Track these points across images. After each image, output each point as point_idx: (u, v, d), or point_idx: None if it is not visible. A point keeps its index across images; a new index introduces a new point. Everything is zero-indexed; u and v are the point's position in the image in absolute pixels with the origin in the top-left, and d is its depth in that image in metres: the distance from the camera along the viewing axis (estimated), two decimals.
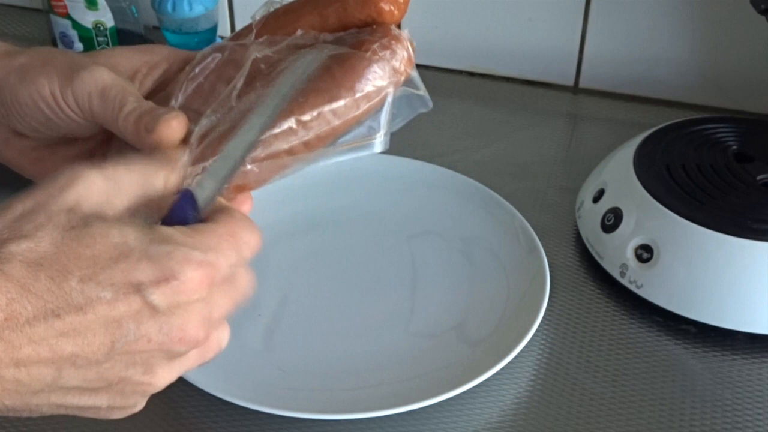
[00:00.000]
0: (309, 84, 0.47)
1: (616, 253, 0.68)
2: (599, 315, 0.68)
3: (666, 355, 0.65)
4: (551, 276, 0.67)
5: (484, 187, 0.76)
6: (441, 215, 0.76)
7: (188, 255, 0.39)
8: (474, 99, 0.93)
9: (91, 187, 0.40)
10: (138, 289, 0.38)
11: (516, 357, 0.61)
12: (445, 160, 0.80)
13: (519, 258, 0.70)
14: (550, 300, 0.66)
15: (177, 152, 0.45)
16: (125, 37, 0.93)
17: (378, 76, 0.47)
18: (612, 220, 0.69)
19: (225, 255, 0.41)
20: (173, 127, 0.46)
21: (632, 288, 0.67)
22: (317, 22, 0.52)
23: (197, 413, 0.60)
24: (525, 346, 0.62)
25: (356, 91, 0.47)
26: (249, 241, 0.42)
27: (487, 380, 0.60)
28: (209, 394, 0.59)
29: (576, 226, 0.74)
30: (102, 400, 0.40)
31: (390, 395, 0.60)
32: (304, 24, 0.51)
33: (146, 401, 0.42)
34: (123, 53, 0.52)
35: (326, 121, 0.47)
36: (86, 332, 0.37)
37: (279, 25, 0.52)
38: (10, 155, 0.54)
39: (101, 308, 0.37)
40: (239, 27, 1.02)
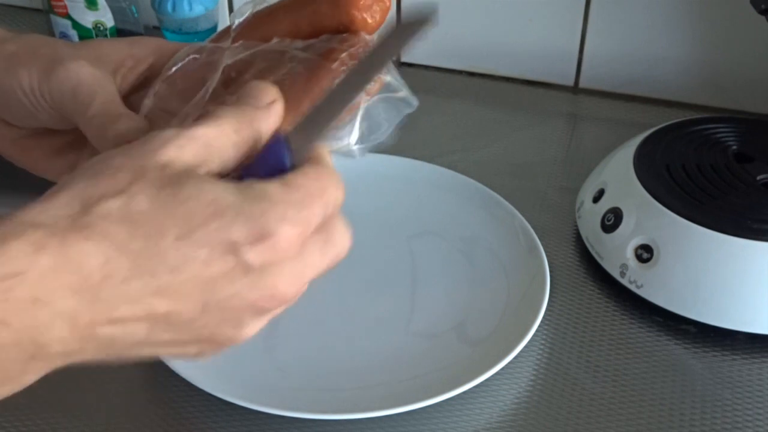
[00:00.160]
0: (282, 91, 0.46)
1: (616, 253, 0.68)
2: (599, 315, 0.68)
3: (666, 355, 0.65)
4: (551, 276, 0.67)
5: (484, 187, 0.76)
6: (441, 215, 0.76)
7: (284, 213, 0.38)
8: (474, 99, 0.93)
9: (184, 148, 0.39)
10: (232, 248, 0.37)
11: (516, 357, 0.61)
12: (445, 160, 0.80)
13: (519, 258, 0.70)
14: (550, 300, 0.66)
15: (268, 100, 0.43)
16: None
17: None
18: (612, 220, 0.69)
19: (315, 213, 0.40)
20: (134, 131, 0.46)
21: (632, 288, 0.67)
22: (290, 28, 0.51)
23: (197, 413, 0.60)
24: (525, 346, 0.62)
25: None
26: (336, 198, 0.41)
27: (487, 380, 0.60)
28: (209, 394, 0.59)
29: (576, 226, 0.74)
30: (191, 350, 0.40)
31: (390, 395, 0.60)
32: (278, 29, 0.51)
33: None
34: (111, 45, 0.52)
35: None
36: (181, 292, 0.37)
37: (254, 30, 0.51)
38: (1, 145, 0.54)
39: (196, 268, 0.37)
40: None
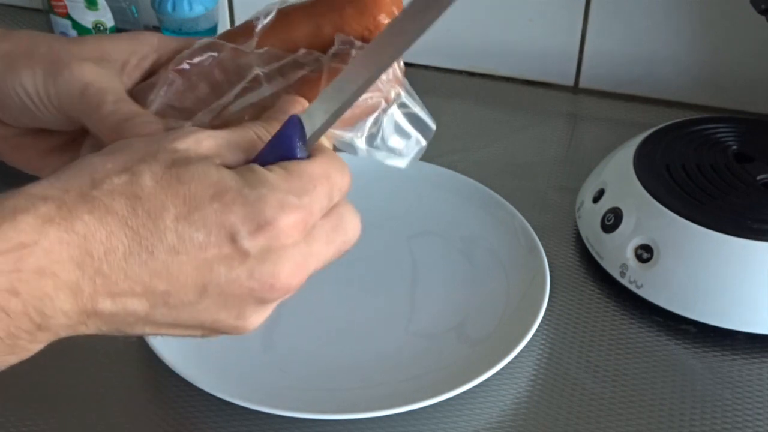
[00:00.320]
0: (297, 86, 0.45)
1: (616, 253, 0.68)
2: (599, 315, 0.68)
3: (666, 355, 0.65)
4: (551, 276, 0.67)
5: (484, 187, 0.76)
6: (441, 215, 0.76)
7: (283, 200, 0.38)
8: (474, 99, 0.93)
9: (202, 142, 0.40)
10: (230, 233, 0.38)
11: (516, 357, 0.61)
12: (445, 160, 0.80)
13: (519, 258, 0.70)
14: (550, 300, 0.66)
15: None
16: None
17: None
18: (612, 220, 0.69)
19: (319, 199, 0.40)
20: (150, 127, 0.45)
21: (632, 288, 0.67)
22: (311, 31, 0.50)
23: (197, 413, 0.60)
24: (525, 346, 0.62)
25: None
26: (341, 184, 0.41)
27: (487, 380, 0.60)
28: (209, 394, 0.59)
29: (576, 226, 0.74)
30: (196, 333, 0.41)
31: (390, 395, 0.60)
32: (299, 32, 0.49)
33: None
34: (112, 42, 0.51)
35: None
36: (178, 272, 0.38)
37: (274, 32, 0.50)
38: None
39: (193, 249, 0.37)
40: None
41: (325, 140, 0.43)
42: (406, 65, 0.97)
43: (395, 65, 0.47)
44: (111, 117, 0.47)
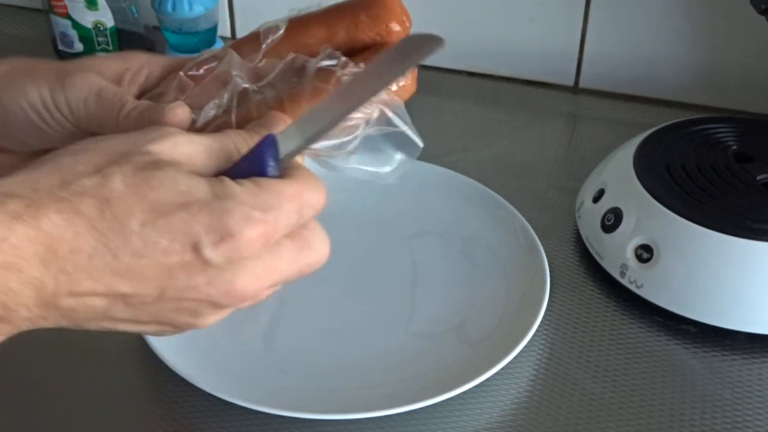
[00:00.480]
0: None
1: (616, 253, 0.68)
2: (599, 315, 0.68)
3: (666, 355, 0.65)
4: (551, 276, 0.67)
5: (484, 187, 0.76)
6: (441, 215, 0.76)
7: (248, 214, 0.39)
8: (474, 99, 0.93)
9: (177, 147, 0.41)
10: (193, 242, 0.39)
11: (516, 357, 0.61)
12: (445, 160, 0.80)
13: (519, 258, 0.70)
14: (550, 300, 0.66)
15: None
16: (125, 37, 0.93)
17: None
18: (612, 220, 0.69)
19: (285, 215, 0.41)
20: (179, 116, 0.46)
21: (632, 288, 0.67)
22: (326, 36, 0.51)
23: (197, 413, 0.60)
24: (525, 346, 0.62)
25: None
26: (313, 202, 0.42)
27: (487, 380, 0.60)
28: (209, 394, 0.59)
29: (576, 226, 0.74)
30: (150, 328, 0.42)
31: (390, 395, 0.60)
32: (313, 37, 0.51)
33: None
34: (104, 61, 0.52)
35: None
36: (140, 276, 0.39)
37: (286, 39, 0.51)
38: None
39: (156, 255, 0.38)
40: (239, 27, 1.02)
41: (299, 158, 0.43)
42: None
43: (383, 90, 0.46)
44: (135, 111, 0.47)
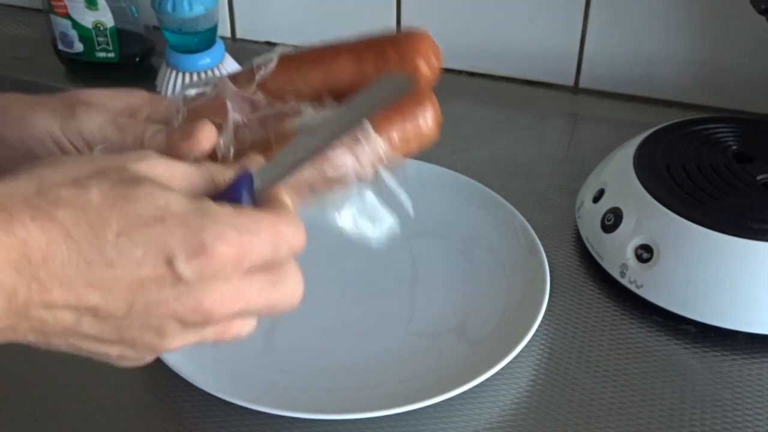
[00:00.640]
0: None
1: (616, 253, 0.68)
2: (599, 315, 0.68)
3: (666, 355, 0.65)
4: (551, 276, 0.67)
5: (484, 187, 0.76)
6: (441, 215, 0.76)
7: (222, 231, 0.39)
8: (474, 99, 0.93)
9: (155, 168, 0.41)
10: (167, 255, 0.39)
11: (516, 357, 0.61)
12: (445, 160, 0.80)
13: (519, 258, 0.70)
14: (550, 300, 0.66)
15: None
16: (125, 37, 0.93)
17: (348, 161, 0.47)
18: (612, 220, 0.69)
19: (261, 242, 0.41)
20: (209, 131, 0.47)
21: (632, 288, 0.67)
22: (355, 69, 0.50)
23: (197, 413, 0.60)
24: (525, 346, 0.62)
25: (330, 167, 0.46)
26: (289, 238, 0.42)
27: (487, 380, 0.60)
28: (209, 394, 0.59)
29: (576, 226, 0.74)
30: (114, 350, 0.41)
31: (390, 395, 0.60)
32: (342, 67, 0.50)
33: (154, 358, 0.43)
34: (106, 94, 0.52)
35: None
36: (111, 287, 0.38)
37: (318, 64, 0.51)
38: None
39: (129, 267, 0.38)
40: (239, 27, 1.02)
41: (288, 199, 0.44)
42: None
43: (379, 144, 0.47)
44: (160, 133, 0.48)
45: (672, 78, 0.90)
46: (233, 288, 0.40)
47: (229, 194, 0.42)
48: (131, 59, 0.95)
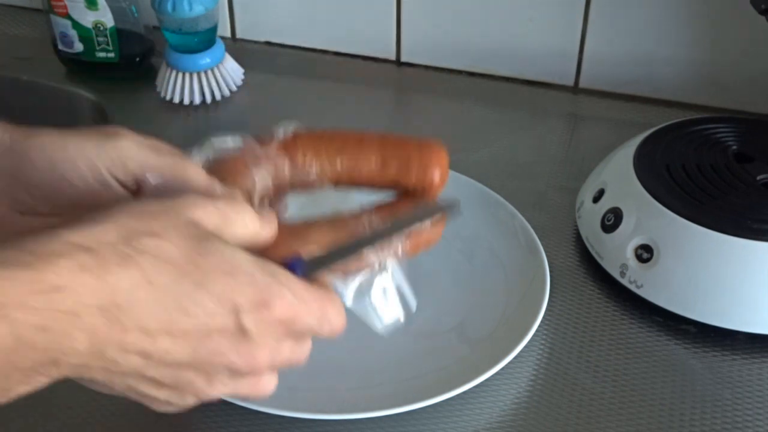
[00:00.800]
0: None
1: (616, 253, 0.68)
2: (599, 315, 0.68)
3: (666, 355, 0.65)
4: (551, 276, 0.67)
5: (484, 187, 0.76)
6: None
7: (284, 293, 0.44)
8: (474, 99, 0.93)
9: (209, 215, 0.44)
10: (235, 308, 0.42)
11: (516, 357, 0.61)
12: None
13: (519, 258, 0.70)
14: (550, 300, 0.66)
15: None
16: (125, 37, 0.93)
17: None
18: (612, 220, 0.69)
19: (309, 313, 0.45)
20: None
21: (632, 288, 0.67)
22: (379, 165, 0.55)
23: (197, 413, 0.60)
24: (525, 346, 0.62)
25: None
26: (332, 319, 0.47)
27: (487, 380, 0.60)
28: None
29: (576, 226, 0.74)
30: (163, 394, 0.44)
31: (390, 395, 0.60)
32: (367, 160, 0.55)
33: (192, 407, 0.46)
34: (134, 132, 0.51)
35: None
36: (183, 333, 0.41)
37: (347, 148, 0.55)
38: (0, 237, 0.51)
39: (202, 315, 0.41)
40: (239, 27, 1.02)
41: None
42: (407, 65, 0.97)
43: (400, 246, 0.51)
44: (202, 173, 0.50)
45: (672, 78, 0.90)
46: (278, 346, 0.45)
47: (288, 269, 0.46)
48: (131, 59, 0.95)
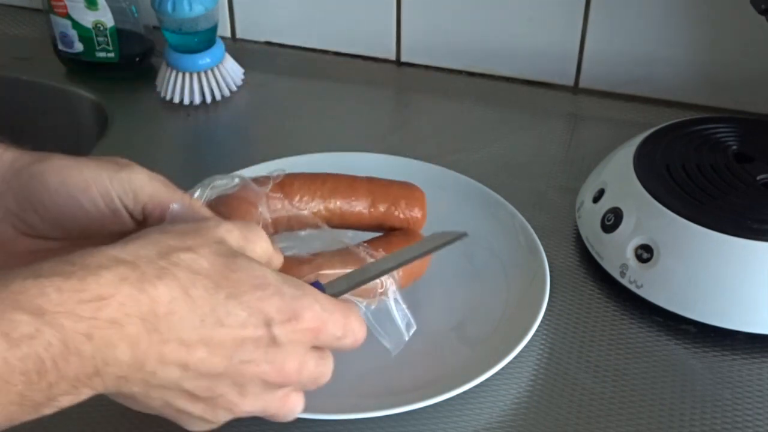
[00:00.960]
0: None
1: (616, 253, 0.68)
2: (599, 315, 0.68)
3: (666, 355, 0.65)
4: (551, 276, 0.67)
5: (484, 187, 0.76)
6: (441, 215, 0.75)
7: (311, 304, 0.46)
8: (474, 99, 0.93)
9: (233, 236, 0.46)
10: (266, 318, 0.44)
11: (516, 357, 0.61)
12: (445, 160, 0.80)
13: (519, 258, 0.70)
14: (550, 300, 0.66)
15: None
16: (125, 37, 0.93)
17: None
18: (612, 220, 0.69)
19: (335, 323, 0.47)
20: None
21: (632, 288, 0.67)
22: (369, 204, 0.63)
23: None
24: (525, 346, 0.62)
25: None
26: (356, 330, 0.48)
27: (487, 380, 0.60)
28: None
29: (576, 226, 0.74)
30: (197, 409, 0.45)
31: (390, 395, 0.60)
32: (358, 199, 0.63)
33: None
34: (142, 168, 0.53)
35: None
36: (218, 343, 0.43)
37: (338, 189, 0.62)
38: (3, 258, 0.52)
39: (235, 325, 0.43)
40: (239, 27, 1.02)
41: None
42: (407, 65, 0.98)
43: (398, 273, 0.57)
44: (180, 210, 0.51)
45: (672, 78, 0.90)
46: (304, 357, 0.46)
47: None
48: (131, 59, 0.95)
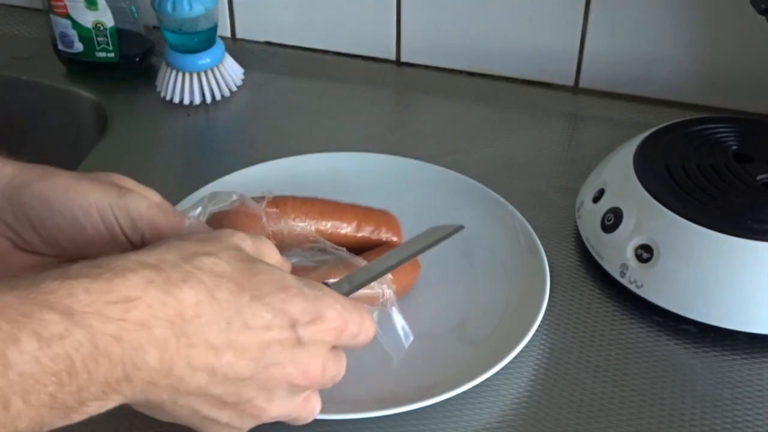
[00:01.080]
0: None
1: (616, 253, 0.68)
2: (599, 315, 0.68)
3: (666, 355, 0.65)
4: (551, 276, 0.67)
5: (484, 187, 0.76)
6: (441, 215, 0.75)
7: (334, 303, 0.47)
8: (474, 99, 0.93)
9: (245, 242, 0.47)
10: (291, 320, 0.45)
11: (516, 357, 0.61)
12: (445, 160, 0.80)
13: (519, 258, 0.70)
14: (550, 300, 0.66)
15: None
16: (125, 37, 0.93)
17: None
18: (612, 220, 0.69)
19: (353, 322, 0.48)
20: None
21: (632, 288, 0.67)
22: (355, 226, 0.67)
23: None
24: (525, 346, 0.62)
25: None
26: (369, 328, 0.49)
27: (487, 380, 0.60)
28: None
29: (576, 226, 0.74)
30: (224, 416, 0.46)
31: (390, 395, 0.60)
32: (345, 221, 0.66)
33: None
34: (142, 186, 0.53)
35: None
36: (245, 346, 0.43)
37: (327, 213, 0.66)
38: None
39: (260, 327, 0.44)
40: (239, 27, 1.02)
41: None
42: (407, 65, 0.98)
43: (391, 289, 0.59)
44: (197, 222, 0.53)
45: (672, 78, 0.90)
46: (326, 357, 0.47)
47: None
48: (131, 59, 0.95)
